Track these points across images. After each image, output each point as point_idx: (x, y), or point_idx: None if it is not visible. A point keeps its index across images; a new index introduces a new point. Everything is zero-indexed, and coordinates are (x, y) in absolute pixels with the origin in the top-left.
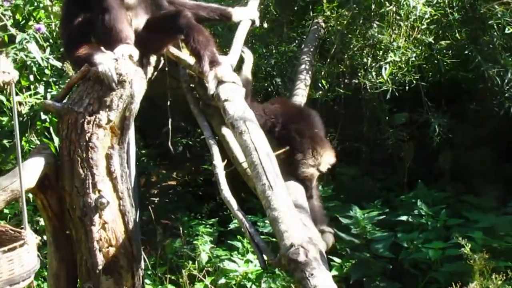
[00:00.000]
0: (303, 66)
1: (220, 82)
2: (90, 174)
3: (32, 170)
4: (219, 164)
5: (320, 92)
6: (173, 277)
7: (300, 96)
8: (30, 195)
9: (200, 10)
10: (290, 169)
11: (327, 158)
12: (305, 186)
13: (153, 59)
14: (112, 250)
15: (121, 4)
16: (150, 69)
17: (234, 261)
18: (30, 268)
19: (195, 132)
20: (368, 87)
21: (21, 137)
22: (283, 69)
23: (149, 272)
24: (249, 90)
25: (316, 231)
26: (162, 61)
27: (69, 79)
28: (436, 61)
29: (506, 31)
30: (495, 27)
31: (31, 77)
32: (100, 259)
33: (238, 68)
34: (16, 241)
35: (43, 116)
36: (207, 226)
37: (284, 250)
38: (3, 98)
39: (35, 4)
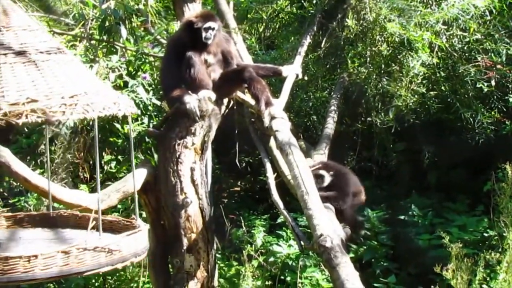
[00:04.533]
0: (332, 108)
1: (272, 117)
2: (179, 181)
3: (138, 177)
4: (271, 176)
5: (344, 126)
6: (236, 256)
7: (330, 129)
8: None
9: (259, 70)
10: None
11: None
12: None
13: (225, 100)
14: (193, 236)
15: (203, 62)
16: (223, 108)
17: (280, 245)
18: (145, 246)
19: (254, 153)
20: (378, 124)
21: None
22: (318, 109)
23: (219, 252)
24: None
25: (339, 224)
26: (232, 102)
27: (165, 113)
28: (427, 106)
29: (477, 85)
30: (469, 82)
31: (139, 112)
32: (185, 242)
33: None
34: (128, 229)
35: (146, 139)
36: (261, 220)
37: (316, 238)
38: (118, 126)
39: (142, 60)
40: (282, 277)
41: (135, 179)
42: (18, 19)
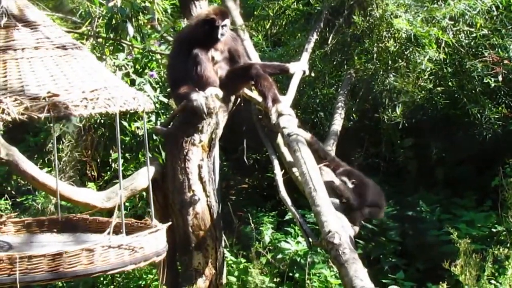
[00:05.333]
0: (339, 104)
1: (280, 114)
2: (187, 179)
3: (145, 175)
4: (278, 173)
5: (351, 122)
6: (244, 253)
7: (337, 125)
8: (144, 193)
9: (266, 67)
10: None
11: None
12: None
13: (232, 98)
14: (201, 233)
15: (210, 59)
16: (230, 105)
17: (288, 242)
18: (165, 245)
19: (262, 150)
20: (385, 120)
21: (138, 152)
22: (325, 106)
23: (227, 249)
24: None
25: (347, 221)
26: (239, 99)
27: (172, 111)
28: (434, 102)
29: (484, 81)
30: (476, 78)
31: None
32: (193, 239)
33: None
34: (142, 230)
35: (154, 137)
36: (269, 217)
37: (324, 234)
38: (125, 123)
39: (149, 57)
40: (290, 274)
41: (144, 176)
42: (33, 15)
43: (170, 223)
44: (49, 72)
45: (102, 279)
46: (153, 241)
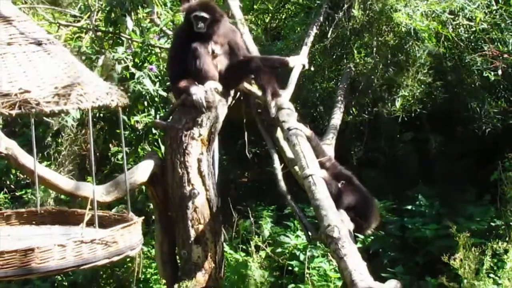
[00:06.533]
0: (338, 98)
1: (279, 108)
2: (186, 173)
3: (145, 169)
4: (278, 167)
5: (351, 116)
6: (244, 247)
7: (336, 119)
8: (143, 187)
9: (266, 61)
10: None
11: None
12: None
13: (232, 91)
14: (200, 227)
15: (209, 53)
16: (230, 99)
17: (287, 236)
18: (140, 239)
19: (261, 143)
20: (385, 114)
21: (138, 146)
22: (324, 100)
23: (227, 243)
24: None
25: (346, 215)
26: (238, 93)
27: (172, 105)
28: (433, 96)
29: (484, 75)
30: (476, 72)
31: (145, 103)
32: (192, 233)
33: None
34: (119, 223)
35: (153, 131)
36: (269, 211)
37: (323, 228)
38: (125, 117)
39: (149, 51)
40: (290, 268)
41: (143, 171)
42: (7, 10)
43: (143, 217)
44: (22, 68)
45: (102, 272)
46: (127, 235)
